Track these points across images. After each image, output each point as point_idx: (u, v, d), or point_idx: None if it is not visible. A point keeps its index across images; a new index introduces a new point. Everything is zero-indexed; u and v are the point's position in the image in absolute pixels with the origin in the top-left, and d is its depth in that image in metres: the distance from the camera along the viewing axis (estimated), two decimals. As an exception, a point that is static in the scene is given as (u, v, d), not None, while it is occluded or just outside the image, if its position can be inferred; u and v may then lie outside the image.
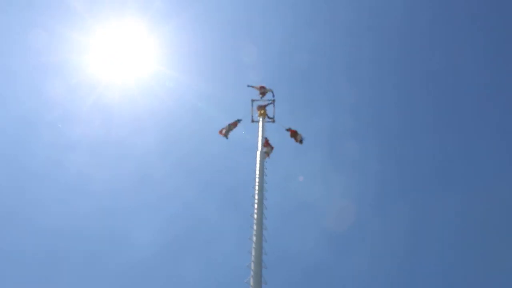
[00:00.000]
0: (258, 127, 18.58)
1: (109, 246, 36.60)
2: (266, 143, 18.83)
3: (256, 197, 14.76)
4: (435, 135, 41.52)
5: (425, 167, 39.57)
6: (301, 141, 20.05)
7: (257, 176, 15.75)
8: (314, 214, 35.62)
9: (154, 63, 39.08)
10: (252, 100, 20.09)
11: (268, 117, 19.87)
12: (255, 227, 13.73)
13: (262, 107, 19.62)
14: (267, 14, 43.14)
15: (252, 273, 12.23)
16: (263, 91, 20.37)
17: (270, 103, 20.08)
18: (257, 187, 15.16)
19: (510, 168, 36.99)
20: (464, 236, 35.28)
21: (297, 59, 42.55)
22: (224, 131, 19.98)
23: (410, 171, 40.15)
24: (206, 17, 42.27)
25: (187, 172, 39.26)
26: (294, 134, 20.03)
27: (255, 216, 14.09)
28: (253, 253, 12.91)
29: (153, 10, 39.26)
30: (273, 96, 20.15)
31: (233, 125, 20.23)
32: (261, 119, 19.03)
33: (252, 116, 19.80)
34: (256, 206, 14.43)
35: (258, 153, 16.83)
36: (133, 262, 35.20)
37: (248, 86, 20.60)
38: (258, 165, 16.12)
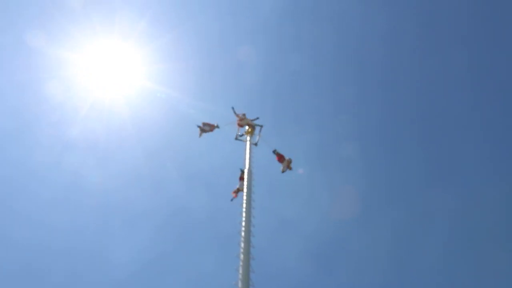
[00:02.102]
0: (246, 145, 18.64)
1: (89, 264, 35.64)
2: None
3: (244, 214, 14.91)
4: (422, 144, 41.78)
5: (411, 177, 39.71)
6: (289, 166, 19.05)
7: (244, 193, 15.91)
8: (301, 231, 35.52)
9: (142, 79, 39.26)
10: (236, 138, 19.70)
11: (258, 125, 19.53)
12: (242, 244, 13.84)
13: (250, 125, 19.55)
14: (254, 34, 43.78)
15: (239, 291, 12.37)
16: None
17: (259, 125, 19.68)
18: (244, 205, 15.32)
19: (499, 174, 37.27)
20: (455, 246, 35.27)
21: (283, 76, 43.21)
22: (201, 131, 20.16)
23: (396, 183, 40.30)
24: (193, 36, 42.78)
25: (171, 187, 39.01)
26: (281, 159, 19.30)
27: (243, 233, 14.20)
28: (240, 271, 13.01)
29: (139, 30, 39.60)
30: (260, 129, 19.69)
31: (210, 127, 20.30)
32: (248, 137, 19.08)
33: (237, 135, 19.63)
34: (243, 223, 14.56)
35: (246, 171, 16.99)
36: (113, 281, 34.40)
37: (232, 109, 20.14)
38: (246, 183, 16.27)
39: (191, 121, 38.03)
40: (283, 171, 19.16)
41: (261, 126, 19.51)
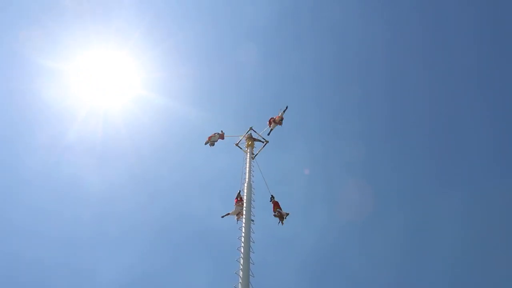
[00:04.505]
0: (246, 158, 18.20)
1: (77, 279, 34.39)
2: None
3: (243, 229, 14.40)
4: (429, 146, 41.32)
5: (418, 181, 39.08)
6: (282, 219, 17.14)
7: (244, 207, 15.44)
8: (297, 249, 34.81)
9: (138, 87, 38.95)
10: (236, 144, 19.65)
11: (263, 141, 19.57)
12: (242, 261, 13.33)
13: (251, 138, 19.24)
14: (252, 38, 43.47)
15: (239, 310, 11.84)
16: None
17: (263, 142, 19.58)
18: (244, 219, 14.82)
19: (508, 175, 36.78)
20: (464, 248, 34.61)
21: (282, 79, 42.96)
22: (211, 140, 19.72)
23: (400, 187, 39.75)
24: (189, 44, 42.52)
25: (168, 198, 38.31)
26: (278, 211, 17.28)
27: (242, 249, 13.70)
28: (240, 289, 12.52)
29: (135, 39, 39.33)
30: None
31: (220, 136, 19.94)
32: (248, 150, 18.68)
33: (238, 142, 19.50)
34: (243, 239, 14.05)
35: (246, 185, 16.50)
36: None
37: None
38: (245, 197, 15.79)
39: (188, 129, 37.96)
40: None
41: (267, 142, 19.50)
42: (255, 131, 19.69)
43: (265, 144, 19.39)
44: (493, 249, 33.63)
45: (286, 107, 19.56)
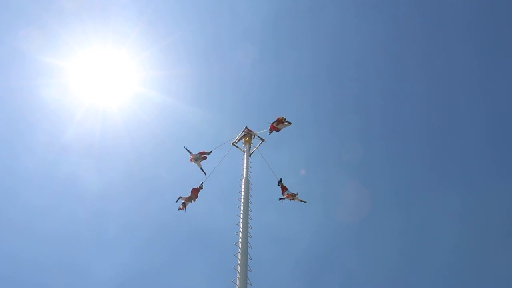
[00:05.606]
0: (244, 155, 18.26)
1: (68, 278, 34.43)
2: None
3: (241, 225, 14.49)
4: (426, 146, 41.52)
5: (415, 181, 39.25)
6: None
7: (241, 203, 15.50)
8: (293, 247, 34.86)
9: (137, 85, 39.04)
10: (233, 144, 19.46)
11: (260, 138, 19.42)
12: (239, 256, 13.42)
13: (248, 135, 19.20)
14: (251, 37, 43.53)
15: (236, 304, 11.94)
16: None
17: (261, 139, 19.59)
18: (242, 215, 14.90)
19: (504, 175, 37.00)
20: (461, 249, 34.69)
21: (282, 79, 43.11)
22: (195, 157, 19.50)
23: (398, 187, 39.97)
24: (188, 42, 42.63)
25: (165, 196, 38.20)
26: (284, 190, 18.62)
27: (240, 245, 13.79)
28: (237, 283, 12.60)
29: (132, 38, 39.42)
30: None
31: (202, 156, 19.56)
32: (246, 147, 18.75)
33: (236, 142, 19.32)
34: (241, 234, 14.13)
35: (243, 181, 16.59)
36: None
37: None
38: (243, 193, 15.86)
39: (187, 127, 37.96)
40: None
41: (263, 140, 19.43)
42: (250, 130, 19.56)
43: (261, 142, 19.40)
44: (490, 250, 33.85)
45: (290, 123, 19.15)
